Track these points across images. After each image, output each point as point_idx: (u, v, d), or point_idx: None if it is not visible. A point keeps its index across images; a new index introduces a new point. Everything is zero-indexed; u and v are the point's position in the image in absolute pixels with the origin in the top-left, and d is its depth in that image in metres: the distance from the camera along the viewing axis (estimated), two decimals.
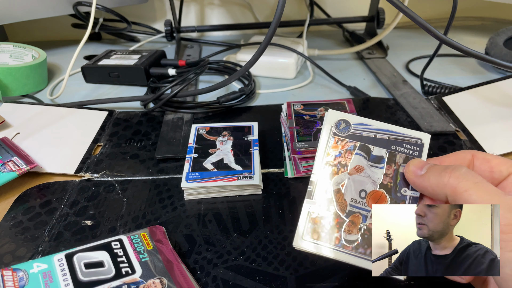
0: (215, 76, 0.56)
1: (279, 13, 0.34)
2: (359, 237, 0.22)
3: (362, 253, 0.22)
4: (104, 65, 0.52)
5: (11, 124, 0.41)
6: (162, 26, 0.71)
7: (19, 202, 0.32)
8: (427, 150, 0.24)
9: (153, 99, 0.45)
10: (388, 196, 0.23)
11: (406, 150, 0.24)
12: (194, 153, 0.35)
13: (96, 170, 0.36)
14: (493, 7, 0.74)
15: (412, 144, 0.24)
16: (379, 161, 0.24)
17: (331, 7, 0.73)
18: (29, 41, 0.57)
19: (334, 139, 0.24)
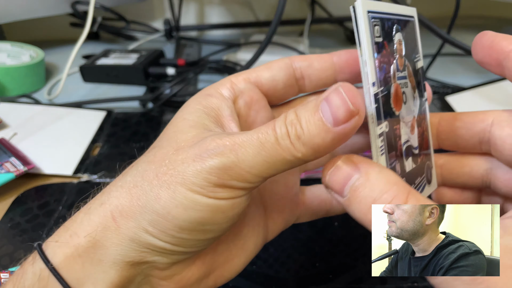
0: (214, 76, 0.56)
1: (280, 12, 0.34)
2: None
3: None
4: (102, 64, 0.52)
5: (8, 124, 0.41)
6: (161, 24, 0.70)
7: (17, 204, 0.32)
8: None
9: (152, 98, 0.45)
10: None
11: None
12: None
13: (94, 171, 0.35)
14: (496, 6, 0.74)
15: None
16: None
17: (333, 6, 0.72)
18: (27, 40, 0.57)
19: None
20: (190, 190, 0.15)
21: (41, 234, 0.29)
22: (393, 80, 0.17)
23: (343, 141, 0.15)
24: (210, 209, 0.15)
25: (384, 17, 0.17)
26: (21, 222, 0.30)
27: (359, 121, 0.15)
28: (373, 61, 0.16)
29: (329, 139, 0.14)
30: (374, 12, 0.16)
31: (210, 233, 0.16)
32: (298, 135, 0.15)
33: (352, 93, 0.15)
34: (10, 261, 0.27)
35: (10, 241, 0.28)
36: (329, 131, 0.14)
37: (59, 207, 0.32)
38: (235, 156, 0.15)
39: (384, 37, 0.17)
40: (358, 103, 0.15)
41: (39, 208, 0.32)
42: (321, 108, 0.15)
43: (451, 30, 0.43)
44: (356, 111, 0.14)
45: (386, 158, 0.17)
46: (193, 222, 0.15)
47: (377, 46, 0.17)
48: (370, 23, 0.16)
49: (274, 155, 0.15)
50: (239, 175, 0.15)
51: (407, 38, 0.19)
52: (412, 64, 0.19)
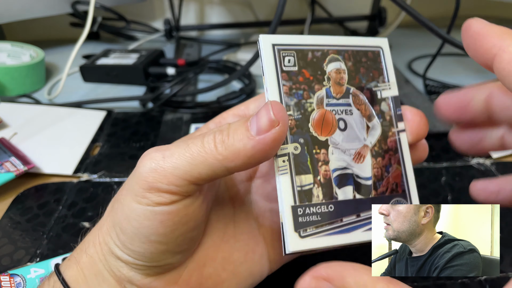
0: (214, 76, 0.56)
1: (280, 12, 0.34)
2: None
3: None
4: (102, 64, 0.52)
5: (8, 124, 0.41)
6: (161, 24, 0.70)
7: (17, 203, 0.32)
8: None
9: (152, 98, 0.45)
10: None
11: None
12: None
13: (94, 170, 0.35)
14: (496, 6, 0.74)
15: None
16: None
17: (333, 6, 0.72)
18: (27, 40, 0.57)
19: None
20: (131, 200, 0.16)
21: (42, 234, 0.29)
22: (317, 106, 0.18)
23: (265, 151, 0.16)
24: (146, 217, 0.16)
25: (305, 49, 0.19)
26: (21, 222, 0.30)
27: (280, 132, 0.16)
28: (276, 87, 0.18)
29: (250, 145, 0.15)
30: (285, 45, 0.18)
31: (159, 244, 0.17)
32: (223, 140, 0.16)
33: (278, 107, 0.16)
34: (11, 261, 0.27)
35: (10, 241, 0.28)
36: (251, 138, 0.15)
37: (59, 206, 0.32)
38: (162, 158, 0.16)
39: (303, 66, 0.18)
40: (281, 116, 0.16)
41: (39, 207, 0.32)
42: (250, 120, 0.16)
43: (451, 30, 0.43)
44: (277, 122, 0.15)
45: (290, 178, 0.17)
46: (137, 233, 0.16)
47: (287, 74, 0.18)
48: (274, 54, 0.18)
49: (197, 157, 0.16)
50: (163, 176, 0.16)
51: (362, 67, 0.20)
52: (369, 92, 0.20)
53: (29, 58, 0.52)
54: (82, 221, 0.30)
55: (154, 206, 0.16)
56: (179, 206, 0.16)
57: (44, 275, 0.23)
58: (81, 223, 0.30)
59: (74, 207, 0.31)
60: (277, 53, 0.18)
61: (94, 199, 0.32)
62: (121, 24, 0.64)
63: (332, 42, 0.19)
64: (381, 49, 0.20)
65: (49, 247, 0.28)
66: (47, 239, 0.28)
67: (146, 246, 0.16)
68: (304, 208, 0.17)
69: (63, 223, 0.30)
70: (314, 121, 0.18)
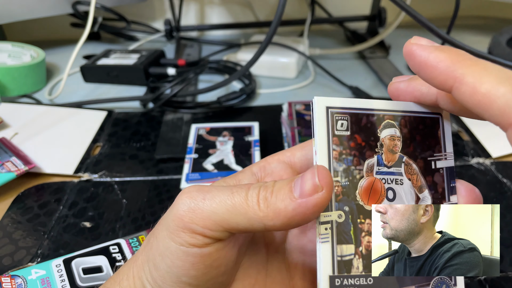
0: (215, 76, 0.56)
1: (280, 12, 0.34)
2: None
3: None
4: (103, 64, 0.52)
5: (9, 124, 0.41)
6: (161, 25, 0.70)
7: (18, 203, 0.32)
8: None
9: (152, 98, 0.45)
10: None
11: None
12: (194, 153, 0.34)
13: (95, 170, 0.35)
14: (496, 6, 0.74)
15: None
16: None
17: (333, 6, 0.72)
18: (27, 40, 0.57)
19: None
20: (166, 236, 0.16)
21: (42, 234, 0.29)
22: (366, 173, 0.18)
23: (306, 215, 0.16)
24: (179, 257, 0.16)
25: (360, 113, 0.18)
26: (22, 221, 0.30)
27: (323, 198, 0.15)
28: (326, 152, 0.17)
29: (291, 207, 0.15)
30: (340, 108, 0.18)
31: (190, 287, 0.17)
32: (266, 197, 0.16)
33: (323, 172, 0.16)
34: (12, 261, 0.27)
35: (11, 241, 0.28)
36: (293, 199, 0.15)
37: (60, 206, 0.32)
38: (202, 200, 0.16)
39: (356, 131, 0.18)
40: (325, 181, 0.15)
41: (39, 207, 0.32)
42: (295, 181, 0.16)
43: (451, 30, 0.43)
44: (320, 187, 0.15)
45: (331, 247, 0.17)
46: (169, 272, 0.16)
47: (338, 138, 0.18)
48: (327, 117, 0.17)
49: (238, 208, 0.16)
50: (200, 218, 0.16)
51: (418, 134, 0.19)
52: (423, 162, 0.19)
53: (29, 58, 0.52)
54: (83, 221, 0.30)
55: (187, 247, 0.16)
56: (211, 249, 0.16)
57: (45, 276, 0.23)
58: (82, 223, 0.30)
59: (75, 207, 0.31)
60: (330, 116, 0.17)
61: (94, 199, 0.32)
62: (122, 25, 0.64)
63: (389, 107, 0.19)
64: (440, 116, 0.19)
65: (50, 247, 0.28)
66: (48, 239, 0.28)
67: (176, 286, 0.16)
68: (342, 279, 0.17)
69: (64, 223, 0.30)
70: (362, 189, 0.18)
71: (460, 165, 0.36)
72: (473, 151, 0.38)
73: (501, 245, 0.28)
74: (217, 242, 0.16)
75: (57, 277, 0.23)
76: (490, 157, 0.37)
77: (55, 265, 0.24)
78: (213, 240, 0.16)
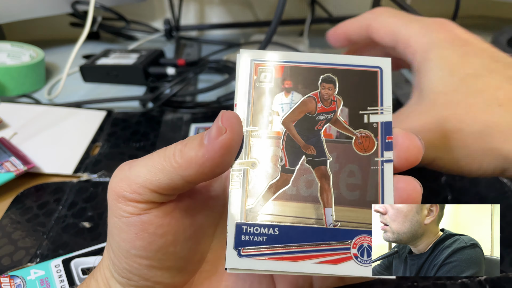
0: (215, 76, 0.56)
1: (279, 12, 0.34)
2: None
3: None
4: (102, 64, 0.52)
5: (8, 124, 0.41)
6: (161, 24, 0.70)
7: (17, 203, 0.32)
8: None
9: (152, 98, 0.45)
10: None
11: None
12: None
13: (94, 170, 0.35)
14: (496, 6, 0.74)
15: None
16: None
17: (333, 6, 0.72)
18: (27, 40, 0.57)
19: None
20: (110, 215, 0.17)
21: (42, 234, 0.29)
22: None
23: (214, 159, 0.16)
24: (123, 229, 0.16)
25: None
26: (21, 222, 0.30)
27: (227, 140, 0.16)
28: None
29: (201, 153, 0.16)
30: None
31: (140, 259, 0.17)
32: (181, 149, 0.16)
33: (226, 115, 0.16)
34: (11, 262, 0.27)
35: (10, 241, 0.28)
36: (202, 146, 0.16)
37: (59, 206, 0.32)
38: (128, 169, 0.17)
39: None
40: (229, 123, 0.16)
41: (39, 207, 0.32)
42: (206, 131, 0.17)
43: None
44: (224, 129, 0.16)
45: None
46: (119, 248, 0.17)
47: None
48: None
49: (156, 165, 0.16)
50: (127, 185, 0.16)
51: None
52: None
53: (29, 58, 0.52)
54: (82, 221, 0.30)
55: (127, 217, 0.16)
56: (150, 216, 0.17)
57: (44, 276, 0.23)
58: (81, 223, 0.30)
59: (74, 207, 0.31)
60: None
61: (94, 199, 0.32)
62: (121, 24, 0.64)
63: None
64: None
65: (49, 247, 0.28)
66: (47, 239, 0.28)
67: (129, 262, 0.17)
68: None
69: (63, 223, 0.30)
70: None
71: None
72: None
73: (501, 246, 0.28)
74: (155, 208, 0.17)
75: (56, 278, 0.23)
76: None
77: (54, 265, 0.24)
78: (147, 205, 0.17)
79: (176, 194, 0.18)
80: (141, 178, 0.16)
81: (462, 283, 0.25)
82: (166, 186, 0.16)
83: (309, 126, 0.18)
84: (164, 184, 0.16)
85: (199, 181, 0.16)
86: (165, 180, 0.16)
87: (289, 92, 0.18)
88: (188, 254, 0.18)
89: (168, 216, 0.17)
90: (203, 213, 0.19)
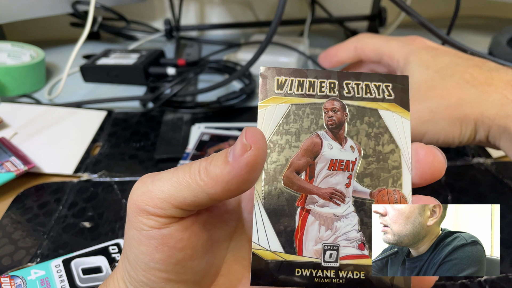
0: (215, 76, 0.56)
1: (280, 12, 0.34)
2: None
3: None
4: (103, 64, 0.52)
5: (9, 124, 0.41)
6: (161, 24, 0.70)
7: (17, 203, 0.32)
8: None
9: (152, 98, 0.45)
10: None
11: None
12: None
13: (95, 170, 0.35)
14: (496, 6, 0.74)
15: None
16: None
17: (333, 6, 0.72)
18: (27, 40, 0.57)
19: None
20: (129, 227, 0.17)
21: (42, 234, 0.29)
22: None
23: (241, 176, 0.16)
24: (142, 242, 0.16)
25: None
26: (21, 221, 0.30)
27: (252, 156, 0.16)
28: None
29: (227, 170, 0.16)
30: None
31: (159, 272, 0.17)
32: (206, 167, 0.16)
33: (250, 131, 0.16)
34: (11, 262, 0.27)
35: (11, 241, 0.28)
36: (227, 163, 0.16)
37: (59, 206, 0.32)
38: (151, 182, 0.17)
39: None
40: (253, 140, 0.16)
41: (39, 207, 0.32)
42: (230, 148, 0.16)
43: (451, 30, 0.43)
44: (248, 146, 0.16)
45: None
46: (137, 261, 0.17)
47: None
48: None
49: (181, 182, 0.16)
50: (150, 199, 0.16)
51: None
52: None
53: (29, 58, 0.52)
54: (83, 221, 0.30)
55: (147, 231, 0.16)
56: (171, 230, 0.17)
57: (44, 276, 0.23)
58: (82, 223, 0.30)
59: (74, 207, 0.31)
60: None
61: (94, 199, 0.32)
62: (122, 24, 0.64)
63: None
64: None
65: (50, 247, 0.28)
66: (47, 239, 0.28)
67: (147, 275, 0.17)
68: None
69: (64, 223, 0.30)
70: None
71: (460, 165, 0.36)
72: (474, 151, 0.38)
73: (501, 246, 0.28)
74: (176, 223, 0.17)
75: (57, 278, 0.23)
76: (490, 157, 0.37)
77: (55, 265, 0.24)
78: (168, 219, 0.17)
79: (198, 209, 0.18)
80: (164, 194, 0.16)
81: (462, 284, 0.25)
82: (190, 203, 0.16)
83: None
84: (188, 200, 0.16)
85: (225, 198, 0.16)
86: (190, 197, 0.16)
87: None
88: (205, 268, 0.18)
89: (188, 230, 0.17)
90: (219, 226, 0.19)
